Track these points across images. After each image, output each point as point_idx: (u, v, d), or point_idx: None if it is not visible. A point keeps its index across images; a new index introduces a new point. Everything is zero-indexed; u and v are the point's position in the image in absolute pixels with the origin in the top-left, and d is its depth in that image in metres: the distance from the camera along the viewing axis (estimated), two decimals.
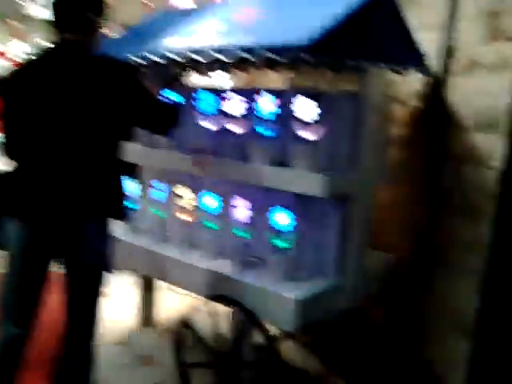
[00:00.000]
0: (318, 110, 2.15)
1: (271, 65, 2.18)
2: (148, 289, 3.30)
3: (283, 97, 2.31)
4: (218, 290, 2.33)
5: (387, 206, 2.84)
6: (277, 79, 3.08)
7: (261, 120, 2.30)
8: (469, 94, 2.26)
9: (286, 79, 2.84)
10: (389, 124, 2.57)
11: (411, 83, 2.63)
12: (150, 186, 2.87)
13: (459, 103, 2.31)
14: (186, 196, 2.68)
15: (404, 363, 2.62)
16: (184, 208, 2.70)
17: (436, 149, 2.42)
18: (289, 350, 3.01)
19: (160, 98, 2.28)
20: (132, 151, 2.79)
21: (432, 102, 2.45)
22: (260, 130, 2.30)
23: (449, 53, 2.38)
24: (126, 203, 2.20)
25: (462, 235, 2.24)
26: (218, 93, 2.56)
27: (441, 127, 2.41)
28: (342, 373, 2.84)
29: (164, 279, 2.68)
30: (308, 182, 2.09)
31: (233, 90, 2.43)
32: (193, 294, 2.78)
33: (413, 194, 2.60)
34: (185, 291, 2.68)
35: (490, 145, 2.11)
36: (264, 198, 2.47)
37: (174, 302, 3.53)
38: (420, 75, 2.49)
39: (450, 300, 2.30)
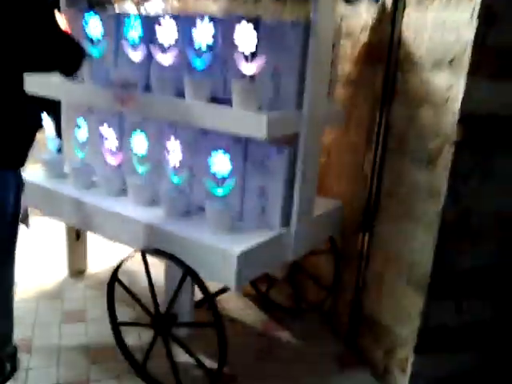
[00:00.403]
0: (259, 40, 1.89)
1: None
2: (78, 236, 3.03)
3: (221, 24, 2.03)
4: (151, 243, 2.10)
5: (335, 150, 2.64)
6: (213, 7, 2.78)
7: (196, 51, 2.00)
8: (425, 28, 2.02)
9: (225, 7, 2.55)
10: (337, 60, 2.33)
11: (361, 16, 2.38)
12: (75, 125, 2.56)
13: (414, 38, 2.07)
14: (113, 137, 2.39)
15: (352, 314, 2.50)
16: (112, 151, 2.41)
17: (388, 89, 2.21)
18: (231, 301, 2.86)
19: (64, 32, 1.89)
20: (51, 85, 2.46)
21: (383, 37, 2.22)
22: (195, 62, 2.01)
23: None
24: (22, 148, 1.89)
25: (416, 183, 2.05)
26: (149, 19, 2.25)
27: (393, 65, 2.18)
28: (288, 325, 2.71)
29: (91, 230, 2.41)
30: (248, 122, 1.83)
31: (166, 16, 2.10)
32: None
33: (362, 138, 2.40)
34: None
35: (448, 85, 1.90)
36: (200, 140, 2.22)
37: (108, 249, 3.28)
38: (371, 6, 2.25)
39: (402, 251, 2.15)
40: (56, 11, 2.36)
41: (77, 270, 3.12)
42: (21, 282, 2.96)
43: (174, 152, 2.13)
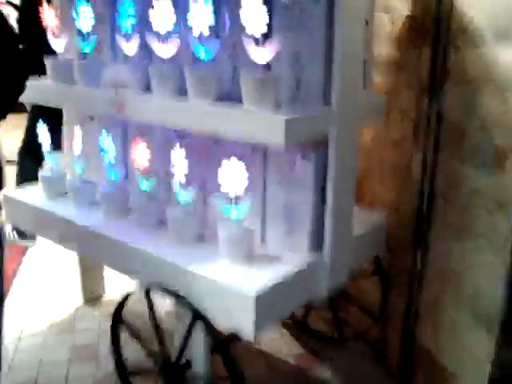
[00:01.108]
0: (273, 18, 1.51)
1: None
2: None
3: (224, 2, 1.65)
4: (156, 277, 1.73)
5: (375, 148, 2.22)
6: None
7: (197, 37, 1.61)
8: None
9: None
10: (372, 39, 1.91)
11: None
12: (73, 135, 2.22)
13: (470, 4, 1.64)
14: (113, 147, 2.04)
15: (404, 347, 2.07)
16: (113, 164, 2.07)
17: (437, 71, 1.78)
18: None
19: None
20: (41, 89, 2.15)
21: (430, 5, 1.79)
22: (197, 50, 1.62)
23: None
24: None
25: (479, 189, 1.62)
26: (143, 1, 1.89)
27: (443, 40, 1.75)
28: (329, 357, 2.30)
29: (89, 257, 2.08)
30: (261, 124, 1.43)
31: None
32: None
33: (408, 133, 1.97)
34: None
35: None
36: (211, 148, 1.84)
37: None
38: None
39: (463, 274, 1.72)
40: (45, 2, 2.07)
41: (92, 296, 2.80)
42: (28, 311, 2.68)
43: (180, 164, 1.75)
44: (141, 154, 1.90)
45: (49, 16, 2.09)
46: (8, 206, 2.38)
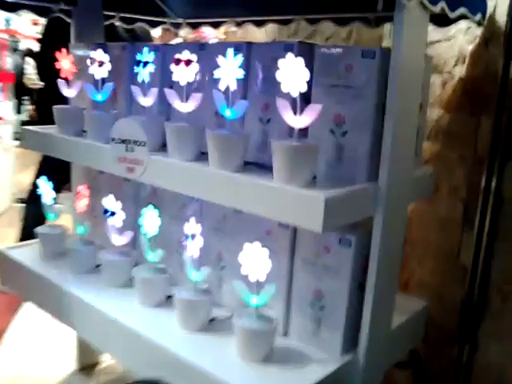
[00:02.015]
0: (314, 77, 1.29)
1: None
2: None
3: (255, 54, 1.44)
4: (154, 368, 1.46)
5: (417, 225, 1.96)
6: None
7: (222, 95, 1.38)
8: None
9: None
10: (427, 105, 1.67)
11: (456, 40, 1.73)
12: (78, 194, 1.98)
13: None
14: (120, 212, 1.80)
15: None
16: (119, 229, 1.82)
17: (499, 145, 1.53)
18: None
19: None
20: (47, 140, 1.93)
21: (492, 68, 1.56)
22: (223, 110, 1.39)
23: None
24: None
25: None
26: (165, 51, 1.69)
27: (507, 109, 1.51)
28: None
29: (76, 331, 1.82)
30: (294, 204, 1.18)
31: (185, 51, 1.49)
32: None
33: (458, 213, 1.71)
34: None
35: None
36: (231, 221, 1.59)
37: None
38: (470, 25, 1.60)
39: None
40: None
41: (88, 362, 2.52)
42: (14, 376, 2.40)
43: (194, 237, 1.50)
44: (150, 222, 1.66)
45: (64, 61, 1.90)
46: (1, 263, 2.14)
